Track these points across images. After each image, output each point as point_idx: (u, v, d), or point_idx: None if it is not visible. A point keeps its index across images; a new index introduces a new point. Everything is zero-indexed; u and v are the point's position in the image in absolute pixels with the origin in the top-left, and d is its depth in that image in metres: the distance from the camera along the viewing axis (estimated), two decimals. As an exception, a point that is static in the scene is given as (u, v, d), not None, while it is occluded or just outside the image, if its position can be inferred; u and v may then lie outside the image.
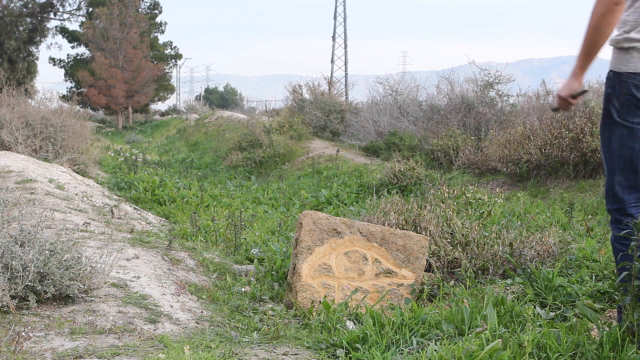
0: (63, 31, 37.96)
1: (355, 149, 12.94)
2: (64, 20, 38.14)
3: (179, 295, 3.21)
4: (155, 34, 40.82)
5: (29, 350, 2.19)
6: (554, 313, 2.76)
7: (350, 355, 2.39)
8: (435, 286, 3.50)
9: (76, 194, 6.49)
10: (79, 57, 38.44)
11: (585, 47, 2.24)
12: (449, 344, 2.22)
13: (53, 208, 4.99)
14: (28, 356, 2.15)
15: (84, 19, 36.68)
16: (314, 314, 3.04)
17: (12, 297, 2.55)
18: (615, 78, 2.28)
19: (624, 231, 2.26)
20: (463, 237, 3.96)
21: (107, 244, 3.60)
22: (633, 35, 2.24)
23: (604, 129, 2.35)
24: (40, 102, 11.32)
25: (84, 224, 4.41)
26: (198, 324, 2.84)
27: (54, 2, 36.86)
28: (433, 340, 2.39)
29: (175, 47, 42.36)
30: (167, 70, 41.78)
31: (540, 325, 2.40)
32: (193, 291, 3.35)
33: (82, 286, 2.74)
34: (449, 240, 3.95)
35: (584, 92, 2.35)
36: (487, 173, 8.74)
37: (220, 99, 54.77)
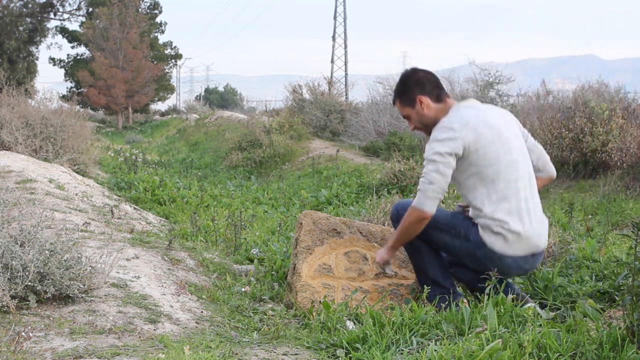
0: (63, 31, 37.99)
1: (355, 149, 12.93)
2: (64, 20, 38.19)
3: (179, 295, 3.21)
4: (155, 34, 40.86)
5: (29, 350, 2.19)
6: (554, 313, 2.76)
7: (350, 355, 2.39)
8: (435, 286, 3.49)
9: (76, 194, 6.49)
10: (79, 57, 38.47)
11: (399, 238, 2.98)
12: (449, 344, 2.22)
13: (53, 208, 4.98)
14: (28, 356, 2.15)
15: (84, 19, 36.72)
16: (314, 314, 3.04)
17: (12, 297, 2.55)
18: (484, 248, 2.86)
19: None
20: (463, 237, 3.95)
21: (107, 244, 3.59)
22: (507, 226, 2.78)
23: (459, 239, 2.92)
24: (40, 102, 11.30)
25: (84, 224, 4.41)
26: (198, 324, 2.83)
27: (54, 2, 36.90)
28: (433, 340, 2.39)
29: (175, 47, 42.40)
30: (167, 70, 41.83)
31: (540, 325, 2.40)
32: (193, 291, 3.35)
33: (82, 286, 2.74)
34: (449, 240, 3.94)
35: (392, 274, 3.26)
36: (487, 173, 8.72)
37: (220, 99, 54.77)
